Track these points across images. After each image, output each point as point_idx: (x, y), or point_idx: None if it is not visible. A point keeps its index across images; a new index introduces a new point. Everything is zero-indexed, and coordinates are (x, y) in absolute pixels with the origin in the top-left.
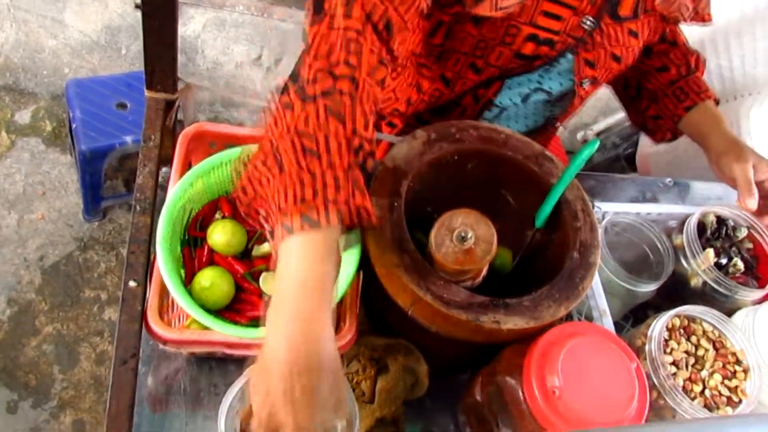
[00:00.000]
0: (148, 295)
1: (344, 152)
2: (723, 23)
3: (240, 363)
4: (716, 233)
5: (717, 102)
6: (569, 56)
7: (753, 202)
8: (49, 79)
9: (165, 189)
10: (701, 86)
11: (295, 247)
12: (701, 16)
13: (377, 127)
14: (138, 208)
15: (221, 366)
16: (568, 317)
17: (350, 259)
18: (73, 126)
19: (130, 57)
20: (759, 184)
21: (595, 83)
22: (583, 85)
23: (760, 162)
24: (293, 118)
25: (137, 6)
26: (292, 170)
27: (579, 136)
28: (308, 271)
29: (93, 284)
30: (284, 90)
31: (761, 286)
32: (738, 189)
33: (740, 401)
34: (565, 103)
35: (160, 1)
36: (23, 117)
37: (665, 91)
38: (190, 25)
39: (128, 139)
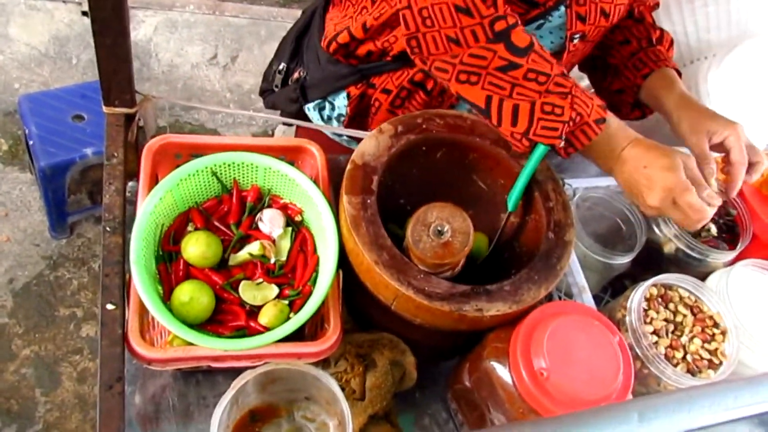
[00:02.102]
0: (127, 316)
1: None
2: None
3: (228, 373)
4: None
5: (678, 73)
6: (562, 9)
7: (710, 171)
8: None
9: (134, 204)
10: (660, 56)
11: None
12: None
13: (367, 103)
14: (108, 228)
15: (208, 378)
16: (549, 297)
17: (329, 260)
18: (30, 143)
19: (82, 66)
20: (717, 146)
21: (584, 39)
22: (573, 40)
23: (714, 125)
24: None
25: (84, 13)
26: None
27: None
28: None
29: (67, 302)
30: None
31: (731, 248)
32: (697, 161)
33: (721, 363)
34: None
35: (110, 16)
36: None
37: (626, 63)
38: (141, 29)
39: (88, 151)
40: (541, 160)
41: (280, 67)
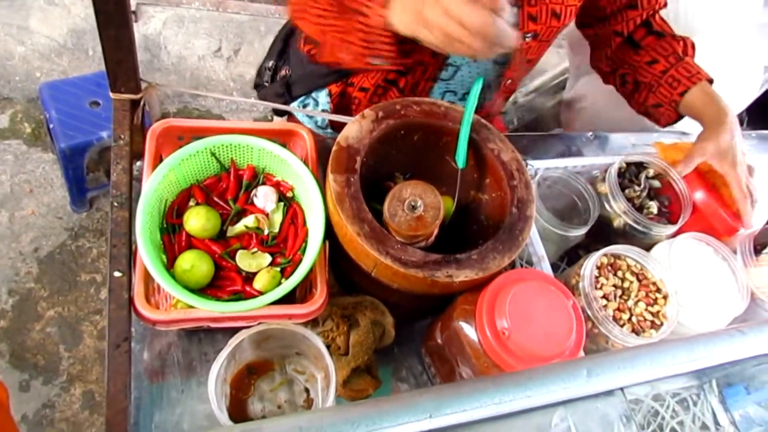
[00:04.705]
0: (133, 282)
1: None
2: None
3: (227, 332)
4: (636, 177)
5: (711, 81)
6: (514, 9)
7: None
8: (22, 83)
9: (140, 181)
10: (691, 70)
11: None
12: None
13: (348, 100)
14: (116, 204)
15: (209, 336)
16: (512, 265)
17: (317, 231)
18: (51, 126)
19: (98, 57)
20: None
21: (536, 38)
22: (525, 38)
23: (725, 160)
24: None
25: None
26: None
27: (511, 98)
28: None
29: (87, 268)
30: None
31: (672, 223)
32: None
33: (662, 324)
34: (510, 58)
35: (113, 9)
36: (1, 121)
37: (659, 81)
38: (151, 23)
39: (104, 134)
40: (472, 114)
41: (269, 64)
